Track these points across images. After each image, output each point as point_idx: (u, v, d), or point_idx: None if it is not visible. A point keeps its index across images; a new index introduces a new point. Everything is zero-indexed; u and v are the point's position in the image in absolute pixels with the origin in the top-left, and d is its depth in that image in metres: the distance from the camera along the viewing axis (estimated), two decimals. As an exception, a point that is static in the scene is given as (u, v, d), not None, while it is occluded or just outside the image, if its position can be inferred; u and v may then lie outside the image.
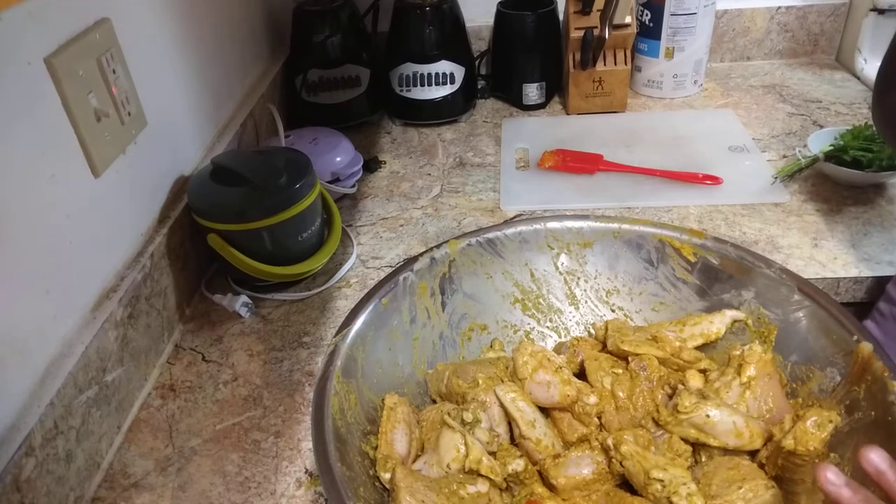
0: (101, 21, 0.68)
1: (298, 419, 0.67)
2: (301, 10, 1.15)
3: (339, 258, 0.88)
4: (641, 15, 1.18)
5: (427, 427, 0.61)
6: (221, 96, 0.99)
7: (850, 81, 1.22)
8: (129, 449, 0.65)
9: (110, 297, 0.67)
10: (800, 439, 0.52)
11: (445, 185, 1.02)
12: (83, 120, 0.64)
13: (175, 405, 0.70)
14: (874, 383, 0.55)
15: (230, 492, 0.61)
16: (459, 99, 1.18)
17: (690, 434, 0.57)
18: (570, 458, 0.57)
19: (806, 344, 0.62)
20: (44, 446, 0.55)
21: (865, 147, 0.89)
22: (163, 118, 0.80)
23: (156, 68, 0.80)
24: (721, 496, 0.52)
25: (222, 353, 0.76)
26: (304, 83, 1.15)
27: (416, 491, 0.52)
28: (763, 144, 1.05)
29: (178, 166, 0.85)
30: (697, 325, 0.68)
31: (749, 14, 1.28)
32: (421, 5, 1.14)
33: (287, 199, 0.78)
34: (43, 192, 0.59)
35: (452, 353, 0.71)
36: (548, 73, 1.20)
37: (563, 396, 0.60)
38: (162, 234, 0.76)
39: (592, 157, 1.03)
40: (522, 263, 0.75)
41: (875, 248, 0.81)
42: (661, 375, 0.63)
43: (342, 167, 0.97)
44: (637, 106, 1.21)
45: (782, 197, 0.91)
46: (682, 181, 0.96)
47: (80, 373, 0.60)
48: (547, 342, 0.74)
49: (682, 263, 0.71)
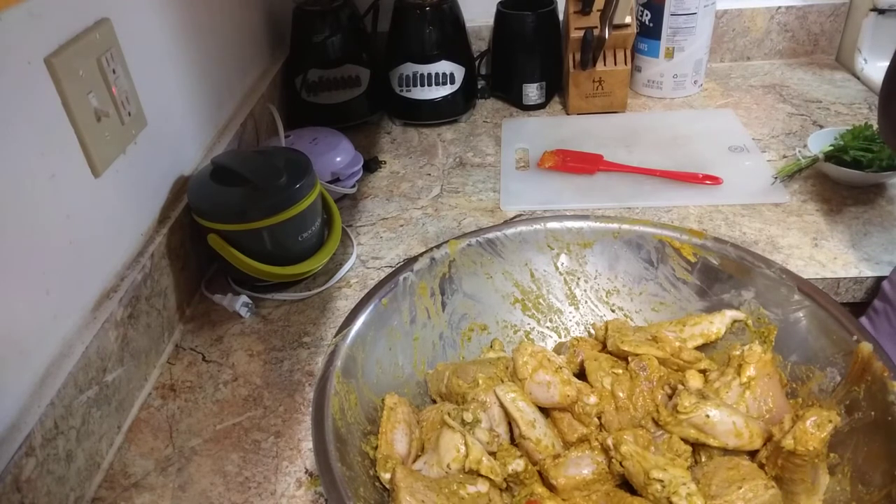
0: (101, 21, 0.68)
1: (298, 419, 0.67)
2: (301, 10, 1.15)
3: (339, 258, 0.88)
4: (641, 15, 1.18)
5: (427, 427, 0.61)
6: (221, 96, 0.99)
7: (850, 81, 1.22)
8: (130, 449, 0.65)
9: (110, 297, 0.67)
10: (799, 439, 0.52)
11: (445, 186, 1.02)
12: (83, 120, 0.64)
13: (175, 405, 0.70)
14: (874, 383, 0.55)
15: (230, 492, 0.61)
16: (459, 99, 1.18)
17: (690, 434, 0.57)
18: (570, 459, 0.57)
19: (806, 344, 0.62)
20: (44, 446, 0.55)
21: (865, 147, 0.89)
22: (163, 118, 0.80)
23: (156, 68, 0.80)
24: (721, 496, 0.52)
25: (222, 353, 0.76)
26: (304, 83, 1.15)
27: (416, 491, 0.52)
28: (763, 144, 1.05)
29: (178, 166, 0.85)
30: (697, 325, 0.68)
31: (749, 14, 1.28)
32: (421, 5, 1.14)
33: (287, 199, 0.78)
34: (43, 192, 0.59)
35: (452, 354, 0.71)
36: (548, 73, 1.20)
37: (563, 396, 0.60)
38: (162, 234, 0.76)
39: (592, 157, 1.03)
40: (522, 263, 0.75)
41: (875, 248, 0.81)
42: (660, 376, 0.63)
43: (342, 167, 0.97)
44: (637, 106, 1.21)
45: (782, 197, 0.91)
46: (682, 181, 0.96)
47: (81, 373, 0.60)
48: (547, 342, 0.74)
49: (682, 263, 0.71)
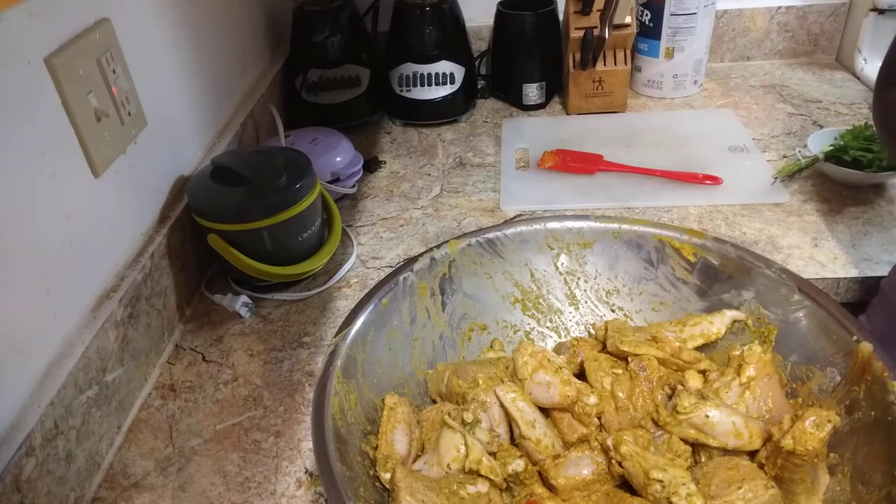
0: (101, 21, 0.68)
1: (298, 419, 0.67)
2: (301, 10, 1.15)
3: (339, 258, 0.88)
4: (641, 15, 1.18)
5: (427, 427, 0.61)
6: (221, 96, 0.99)
7: (850, 81, 1.22)
8: (130, 449, 0.65)
9: (110, 297, 0.67)
10: (798, 439, 0.52)
11: (445, 186, 1.02)
12: (83, 120, 0.64)
13: (175, 405, 0.70)
14: (874, 383, 0.55)
15: (230, 492, 0.61)
16: (459, 99, 1.18)
17: (690, 434, 0.57)
18: (570, 459, 0.57)
19: (806, 344, 0.62)
20: (44, 446, 0.55)
21: (865, 147, 0.89)
22: (163, 118, 0.80)
23: (156, 68, 0.80)
24: (720, 496, 0.52)
25: (222, 353, 0.76)
26: (304, 83, 1.15)
27: (416, 491, 0.52)
28: (763, 144, 1.05)
29: (178, 166, 0.85)
30: (697, 325, 0.67)
31: (749, 14, 1.28)
32: (421, 5, 1.14)
33: (287, 199, 0.78)
34: (43, 192, 0.59)
35: (452, 354, 0.71)
36: (548, 73, 1.20)
37: (563, 397, 0.60)
38: (162, 234, 0.76)
39: (592, 157, 1.03)
40: (522, 264, 0.75)
41: (875, 248, 0.81)
42: (660, 376, 0.63)
43: (342, 167, 0.97)
44: (637, 106, 1.21)
45: (782, 197, 0.91)
46: (682, 181, 0.96)
47: (81, 373, 0.60)
48: (547, 342, 0.74)
49: (682, 263, 0.71)
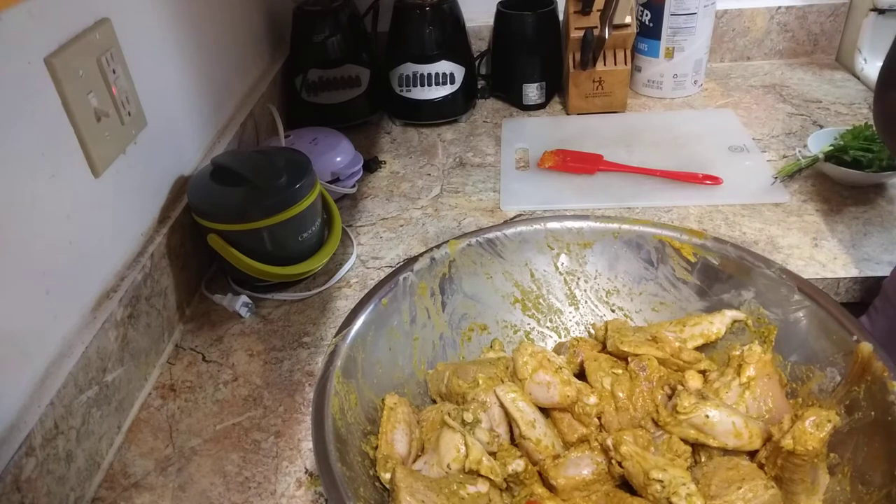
0: (101, 21, 0.68)
1: (298, 419, 0.67)
2: (301, 10, 1.15)
3: (339, 258, 0.88)
4: (641, 15, 1.18)
5: (427, 427, 0.61)
6: (221, 96, 0.99)
7: (850, 81, 1.22)
8: (130, 449, 0.65)
9: (110, 297, 0.67)
10: (798, 439, 0.52)
11: (445, 186, 1.02)
12: (83, 120, 0.64)
13: (175, 405, 0.70)
14: (874, 383, 0.55)
15: (230, 492, 0.61)
16: (459, 99, 1.18)
17: (690, 434, 0.57)
18: (570, 459, 0.57)
19: (806, 344, 0.62)
20: (44, 446, 0.55)
21: (865, 147, 0.89)
22: (163, 118, 0.80)
23: (156, 68, 0.80)
24: (720, 496, 0.52)
25: (222, 353, 0.76)
26: (304, 83, 1.15)
27: (416, 491, 0.52)
28: (763, 144, 1.05)
29: (178, 166, 0.85)
30: (697, 325, 0.67)
31: (749, 14, 1.28)
32: (421, 5, 1.14)
33: (287, 199, 0.78)
34: (43, 192, 0.59)
35: (452, 354, 0.71)
36: (548, 73, 1.20)
37: (563, 397, 0.60)
38: (162, 234, 0.76)
39: (592, 157, 1.03)
40: (522, 264, 0.75)
41: (875, 248, 0.81)
42: (660, 376, 0.63)
43: (342, 167, 0.97)
44: (637, 106, 1.21)
45: (782, 197, 0.91)
46: (682, 181, 0.96)
47: (81, 373, 0.60)
48: (547, 342, 0.74)
49: (682, 263, 0.71)
